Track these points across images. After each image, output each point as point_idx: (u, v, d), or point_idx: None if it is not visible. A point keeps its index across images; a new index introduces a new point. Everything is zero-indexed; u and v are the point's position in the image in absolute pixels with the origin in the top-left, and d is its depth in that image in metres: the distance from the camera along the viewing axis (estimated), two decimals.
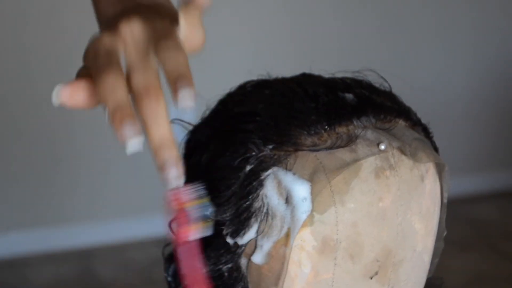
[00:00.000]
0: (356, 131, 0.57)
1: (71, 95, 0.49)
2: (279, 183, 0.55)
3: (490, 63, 3.08)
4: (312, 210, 0.55)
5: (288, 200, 0.55)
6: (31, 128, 2.65)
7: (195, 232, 0.50)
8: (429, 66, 3.02)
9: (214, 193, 0.57)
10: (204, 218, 0.51)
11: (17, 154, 2.68)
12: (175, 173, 0.47)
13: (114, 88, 0.47)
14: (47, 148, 2.68)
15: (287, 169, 0.55)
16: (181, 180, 0.48)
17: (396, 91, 0.63)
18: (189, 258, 0.50)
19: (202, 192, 0.51)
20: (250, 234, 0.56)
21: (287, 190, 0.55)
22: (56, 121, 2.60)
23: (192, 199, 0.50)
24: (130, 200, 2.80)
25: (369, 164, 0.56)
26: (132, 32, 0.50)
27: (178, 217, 0.50)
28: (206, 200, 0.51)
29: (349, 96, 0.59)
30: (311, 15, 2.85)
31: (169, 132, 0.47)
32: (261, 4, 2.81)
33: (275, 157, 0.56)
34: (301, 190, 0.55)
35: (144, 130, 0.47)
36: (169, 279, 0.63)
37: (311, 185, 0.55)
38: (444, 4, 2.98)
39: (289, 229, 0.55)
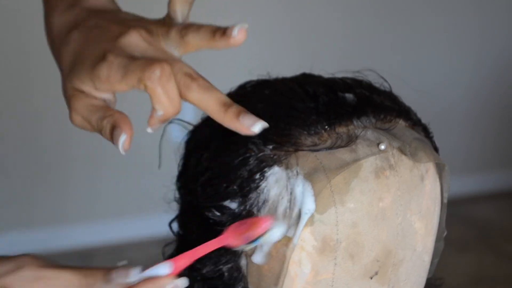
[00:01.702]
0: (356, 131, 0.57)
1: (130, 137, 0.52)
2: (280, 183, 0.55)
3: (492, 64, 3.08)
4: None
5: (290, 200, 0.55)
6: (30, 128, 2.65)
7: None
8: (430, 67, 3.02)
9: (214, 193, 0.57)
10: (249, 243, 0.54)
11: (17, 154, 2.68)
12: (252, 120, 0.51)
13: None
14: (46, 148, 2.68)
15: (287, 169, 0.55)
16: (260, 123, 0.51)
17: (397, 91, 0.63)
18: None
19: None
20: None
21: (289, 191, 0.55)
22: (55, 120, 2.60)
23: (263, 232, 0.54)
24: (130, 200, 2.80)
25: (369, 164, 0.56)
26: (142, 35, 0.53)
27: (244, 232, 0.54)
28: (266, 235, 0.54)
29: (349, 96, 0.59)
30: (313, 16, 2.85)
31: (225, 95, 0.52)
32: (261, 4, 2.81)
33: (275, 157, 0.56)
34: (304, 190, 0.55)
35: (203, 105, 0.51)
36: None
37: (311, 185, 0.55)
38: (448, 8, 2.98)
39: (289, 229, 0.55)
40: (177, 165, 0.64)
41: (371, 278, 0.57)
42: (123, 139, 0.51)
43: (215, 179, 0.57)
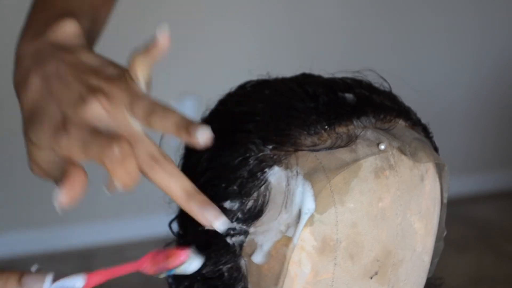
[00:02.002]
0: (356, 131, 0.57)
1: (70, 197, 0.52)
2: (280, 184, 0.55)
3: (492, 64, 3.08)
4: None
5: (290, 200, 0.55)
6: None
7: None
8: (430, 67, 3.02)
9: (214, 194, 0.57)
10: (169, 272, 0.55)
11: (17, 153, 2.68)
12: (215, 212, 0.52)
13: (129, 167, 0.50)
14: None
15: (287, 169, 0.55)
16: (223, 217, 0.52)
17: (397, 91, 0.63)
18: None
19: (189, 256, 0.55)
20: (249, 234, 0.56)
21: (289, 191, 0.55)
22: None
23: (179, 264, 0.54)
24: (130, 200, 2.80)
25: (369, 164, 0.56)
26: (103, 104, 0.52)
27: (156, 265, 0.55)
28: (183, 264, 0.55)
29: (349, 96, 0.59)
30: (313, 16, 2.85)
31: (190, 182, 0.52)
32: (261, 4, 2.81)
33: (275, 157, 0.56)
34: (304, 190, 0.55)
35: (165, 189, 0.51)
36: (170, 280, 0.63)
37: (311, 185, 0.55)
38: (448, 8, 2.99)
39: (289, 229, 0.55)
40: (177, 165, 0.64)
41: (371, 278, 0.57)
42: (57, 194, 0.51)
43: (215, 179, 0.57)
